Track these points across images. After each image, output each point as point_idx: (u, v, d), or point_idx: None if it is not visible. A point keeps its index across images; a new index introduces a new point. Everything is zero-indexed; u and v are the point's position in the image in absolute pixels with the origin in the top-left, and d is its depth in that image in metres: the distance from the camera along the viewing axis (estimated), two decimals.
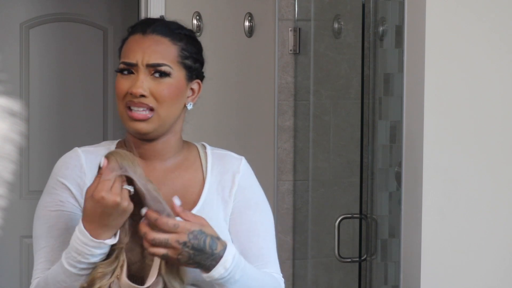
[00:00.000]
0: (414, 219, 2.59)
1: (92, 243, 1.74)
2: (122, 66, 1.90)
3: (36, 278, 1.87)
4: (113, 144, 1.98)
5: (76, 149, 1.96)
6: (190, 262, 1.76)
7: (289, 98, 3.65)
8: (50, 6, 4.21)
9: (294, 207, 3.66)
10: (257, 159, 2.46)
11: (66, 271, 1.78)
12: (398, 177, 2.83)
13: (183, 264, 1.77)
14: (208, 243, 1.76)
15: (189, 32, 1.98)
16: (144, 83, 1.86)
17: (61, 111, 4.23)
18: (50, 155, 4.10)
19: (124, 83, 1.89)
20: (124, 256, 1.78)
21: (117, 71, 1.91)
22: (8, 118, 1.23)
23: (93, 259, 1.76)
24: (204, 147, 2.03)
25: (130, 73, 1.89)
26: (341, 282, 3.49)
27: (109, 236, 1.75)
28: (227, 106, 3.60)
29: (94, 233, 1.74)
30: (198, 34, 3.45)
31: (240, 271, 1.80)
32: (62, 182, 1.91)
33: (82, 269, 1.77)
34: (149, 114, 1.87)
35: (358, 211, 2.99)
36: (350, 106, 3.41)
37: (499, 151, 2.61)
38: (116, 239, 1.77)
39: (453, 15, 2.56)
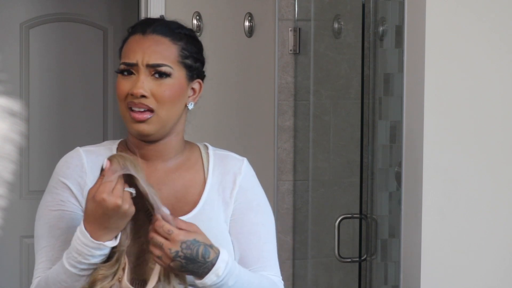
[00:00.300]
0: (414, 219, 2.59)
1: (92, 244, 1.74)
2: (122, 67, 1.89)
3: (37, 277, 1.87)
4: (115, 144, 1.98)
5: (77, 149, 1.96)
6: (183, 270, 1.76)
7: (289, 98, 3.65)
8: (50, 6, 4.21)
9: (294, 207, 3.66)
10: (257, 159, 2.45)
11: (67, 271, 1.78)
12: (398, 177, 2.83)
13: (176, 271, 1.77)
14: (201, 252, 1.75)
15: (189, 31, 1.97)
16: (144, 83, 1.86)
17: (61, 111, 4.23)
18: (50, 155, 4.10)
19: (125, 84, 1.88)
20: (126, 259, 1.77)
21: (117, 72, 1.90)
22: (8, 118, 1.23)
23: (93, 260, 1.76)
24: (206, 147, 2.02)
25: (130, 74, 1.88)
26: (341, 282, 3.49)
27: (109, 238, 1.75)
28: (227, 106, 3.60)
29: (94, 234, 1.74)
30: (198, 34, 3.44)
31: (234, 277, 1.80)
32: (63, 181, 1.91)
33: (82, 269, 1.76)
34: (149, 115, 1.87)
35: (358, 211, 2.99)
36: (350, 106, 3.40)
37: (499, 151, 2.61)
38: (117, 241, 1.76)
39: (453, 15, 2.56)
